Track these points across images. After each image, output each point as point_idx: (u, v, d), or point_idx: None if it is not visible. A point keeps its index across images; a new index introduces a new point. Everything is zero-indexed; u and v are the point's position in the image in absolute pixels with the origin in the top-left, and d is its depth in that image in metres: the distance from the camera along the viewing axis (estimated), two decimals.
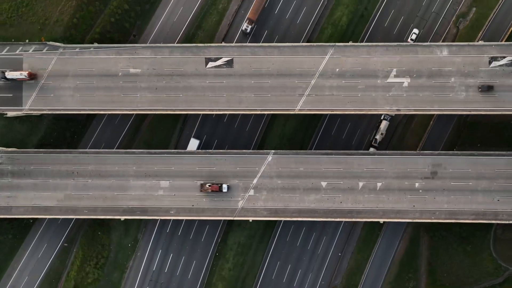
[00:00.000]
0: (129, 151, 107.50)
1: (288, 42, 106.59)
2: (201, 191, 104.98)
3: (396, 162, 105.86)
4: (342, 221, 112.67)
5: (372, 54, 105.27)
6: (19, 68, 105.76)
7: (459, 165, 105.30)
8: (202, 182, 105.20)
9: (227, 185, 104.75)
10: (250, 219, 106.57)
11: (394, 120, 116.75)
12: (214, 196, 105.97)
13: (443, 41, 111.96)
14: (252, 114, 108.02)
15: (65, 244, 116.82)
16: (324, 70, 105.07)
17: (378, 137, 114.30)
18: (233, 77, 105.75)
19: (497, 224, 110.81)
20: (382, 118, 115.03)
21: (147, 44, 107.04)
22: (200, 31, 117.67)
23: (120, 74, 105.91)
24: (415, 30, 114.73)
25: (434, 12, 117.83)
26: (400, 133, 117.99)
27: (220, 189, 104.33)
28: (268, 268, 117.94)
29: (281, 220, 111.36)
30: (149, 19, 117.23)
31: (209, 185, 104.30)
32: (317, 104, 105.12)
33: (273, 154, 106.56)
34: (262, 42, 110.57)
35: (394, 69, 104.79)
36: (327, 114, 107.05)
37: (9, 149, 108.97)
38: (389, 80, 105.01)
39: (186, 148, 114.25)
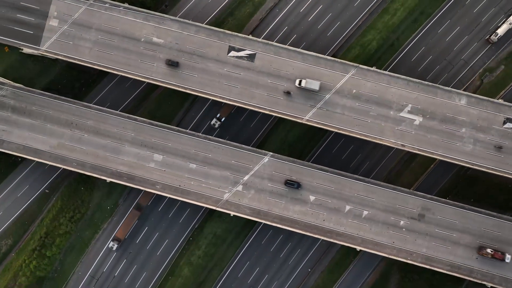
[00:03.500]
0: (131, 117, 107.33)
1: (314, 52, 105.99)
2: (478, 253, 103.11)
3: (387, 195, 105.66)
4: (320, 239, 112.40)
5: (392, 84, 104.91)
6: (46, 8, 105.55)
7: (448, 215, 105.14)
8: (483, 245, 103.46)
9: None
10: (232, 213, 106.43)
11: (398, 153, 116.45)
12: (202, 182, 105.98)
13: (464, 90, 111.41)
14: (260, 112, 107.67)
15: (47, 191, 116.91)
16: (341, 88, 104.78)
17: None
18: (251, 71, 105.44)
19: (470, 281, 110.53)
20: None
21: (176, 18, 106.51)
22: (231, 18, 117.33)
23: (142, 40, 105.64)
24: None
25: (463, 60, 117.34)
26: (399, 169, 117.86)
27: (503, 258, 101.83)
28: (237, 266, 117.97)
29: (261, 223, 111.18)
30: None
31: (491, 251, 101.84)
32: (325, 119, 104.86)
33: (270, 157, 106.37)
34: (288, 45, 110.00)
35: (410, 105, 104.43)
36: (332, 131, 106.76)
37: (16, 84, 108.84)
38: (402, 114, 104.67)
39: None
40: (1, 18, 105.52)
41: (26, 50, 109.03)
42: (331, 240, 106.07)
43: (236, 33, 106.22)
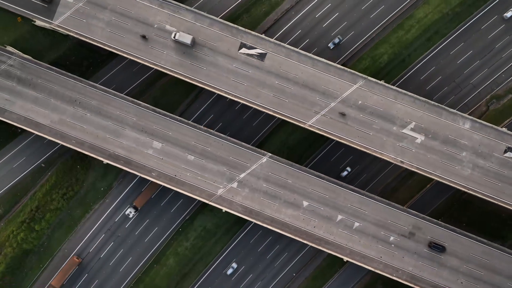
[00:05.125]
0: (135, 102, 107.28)
1: (325, 58, 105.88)
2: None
3: (380, 210, 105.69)
4: (308, 245, 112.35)
5: (398, 100, 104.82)
6: None
7: (438, 236, 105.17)
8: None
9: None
10: (224, 209, 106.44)
11: (396, 169, 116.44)
12: (198, 174, 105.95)
13: (469, 115, 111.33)
14: (264, 112, 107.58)
15: (42, 165, 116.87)
16: (348, 97, 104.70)
17: None
18: (260, 70, 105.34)
19: None
20: None
21: (192, 8, 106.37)
22: (246, 15, 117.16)
23: (155, 26, 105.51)
24: None
25: (471, 84, 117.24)
26: (395, 185, 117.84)
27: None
28: (222, 262, 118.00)
29: (251, 222, 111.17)
30: None
31: None
32: (328, 127, 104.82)
33: (268, 157, 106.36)
34: (300, 48, 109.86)
35: (413, 123, 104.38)
36: (333, 140, 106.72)
37: (25, 55, 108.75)
38: (405, 131, 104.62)
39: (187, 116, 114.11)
40: None
41: (38, 23, 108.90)
42: (320, 248, 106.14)
43: (249, 31, 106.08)
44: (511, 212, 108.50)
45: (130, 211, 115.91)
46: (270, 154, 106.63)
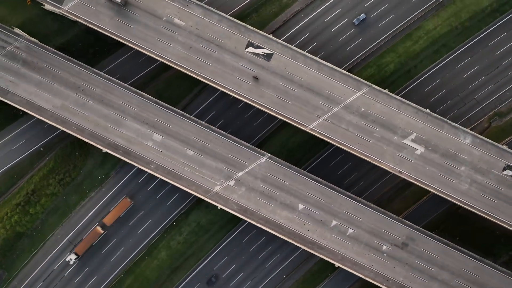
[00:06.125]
0: (138, 92, 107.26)
1: (331, 63, 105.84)
2: None
3: (375, 218, 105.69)
4: (300, 248, 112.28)
5: (401, 110, 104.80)
6: None
7: (431, 249, 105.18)
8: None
9: None
10: (219, 206, 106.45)
11: (394, 179, 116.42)
12: (196, 169, 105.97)
13: (471, 130, 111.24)
14: (266, 113, 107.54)
15: (41, 149, 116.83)
16: (351, 104, 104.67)
17: None
18: (265, 70, 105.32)
19: None
20: None
21: (201, 3, 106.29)
22: (256, 14, 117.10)
23: (164, 18, 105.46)
24: None
25: (475, 99, 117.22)
26: (392, 194, 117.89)
27: None
28: (214, 259, 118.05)
29: (245, 221, 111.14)
30: None
31: None
32: (329, 132, 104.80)
33: (267, 158, 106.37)
34: (306, 51, 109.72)
35: (415, 134, 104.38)
36: (333, 145, 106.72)
37: (32, 38, 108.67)
38: (405, 141, 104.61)
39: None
40: None
41: (47, 7, 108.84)
42: (312, 251, 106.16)
43: (257, 30, 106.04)
44: (505, 230, 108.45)
45: (70, 258, 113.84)
46: (269, 155, 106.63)
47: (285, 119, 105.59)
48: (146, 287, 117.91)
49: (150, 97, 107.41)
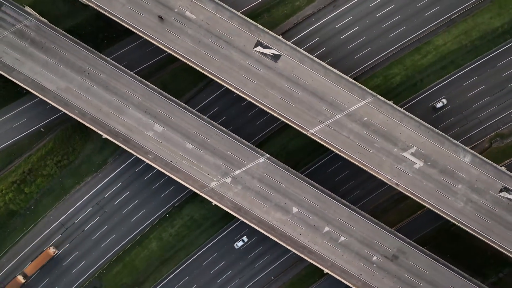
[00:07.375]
0: (143, 82, 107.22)
1: (338, 70, 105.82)
2: None
3: (368, 228, 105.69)
4: (291, 251, 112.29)
5: (403, 123, 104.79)
6: None
7: (421, 263, 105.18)
8: None
9: None
10: (214, 202, 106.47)
11: (390, 190, 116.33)
12: (194, 164, 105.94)
13: (471, 149, 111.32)
14: (269, 113, 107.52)
15: (42, 129, 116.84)
16: (354, 112, 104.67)
17: None
18: (271, 71, 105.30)
19: None
20: None
21: None
22: (267, 14, 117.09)
23: (175, 10, 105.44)
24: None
25: (478, 119, 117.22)
26: (387, 206, 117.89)
27: None
28: (204, 254, 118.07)
29: (238, 219, 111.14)
30: None
31: None
32: (329, 138, 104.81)
33: (266, 158, 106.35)
34: (315, 56, 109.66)
35: (415, 148, 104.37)
36: (332, 152, 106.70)
37: (42, 18, 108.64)
38: (405, 154, 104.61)
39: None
40: None
41: None
42: (302, 256, 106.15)
43: (267, 30, 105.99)
44: (496, 251, 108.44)
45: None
46: (268, 155, 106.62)
47: (287, 121, 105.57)
48: (134, 276, 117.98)
49: (155, 87, 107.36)
